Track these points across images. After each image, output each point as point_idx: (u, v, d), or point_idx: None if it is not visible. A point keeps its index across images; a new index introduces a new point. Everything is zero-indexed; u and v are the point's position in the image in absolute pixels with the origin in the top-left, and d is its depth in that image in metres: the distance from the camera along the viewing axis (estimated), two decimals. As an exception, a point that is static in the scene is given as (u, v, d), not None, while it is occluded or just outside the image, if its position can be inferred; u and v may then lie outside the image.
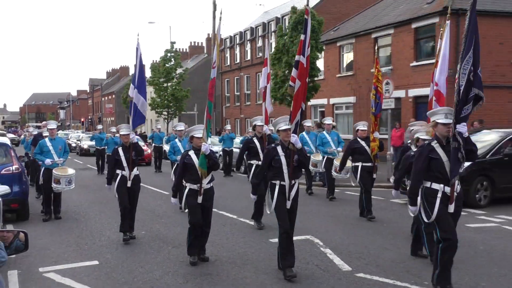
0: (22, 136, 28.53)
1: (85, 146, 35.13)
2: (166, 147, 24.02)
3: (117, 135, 20.30)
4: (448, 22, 8.32)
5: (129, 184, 9.41)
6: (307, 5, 7.48)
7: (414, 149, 8.29)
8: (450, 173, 6.00)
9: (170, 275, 7.32)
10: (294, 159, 7.08)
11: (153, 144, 24.57)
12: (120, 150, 9.52)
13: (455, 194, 6.15)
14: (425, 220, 6.35)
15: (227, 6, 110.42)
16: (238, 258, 7.76)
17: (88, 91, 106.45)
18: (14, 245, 3.56)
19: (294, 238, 9.35)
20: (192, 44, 67.14)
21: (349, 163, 12.00)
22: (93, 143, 24.83)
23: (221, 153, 21.50)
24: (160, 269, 7.64)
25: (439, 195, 6.08)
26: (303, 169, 8.09)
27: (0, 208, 7.79)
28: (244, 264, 7.74)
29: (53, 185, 11.16)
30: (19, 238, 3.60)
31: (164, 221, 11.30)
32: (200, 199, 7.74)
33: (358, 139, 11.47)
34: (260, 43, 41.42)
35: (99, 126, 26.10)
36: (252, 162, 10.86)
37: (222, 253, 8.41)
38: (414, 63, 24.16)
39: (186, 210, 7.96)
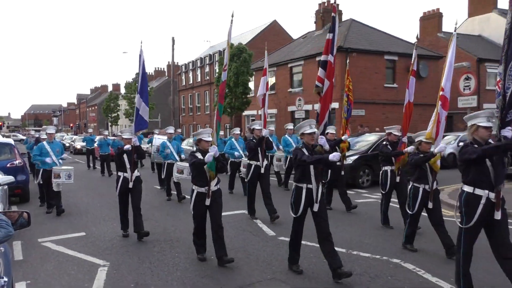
0: (26, 137, 26.55)
1: (78, 146, 32.18)
2: (145, 147, 23.12)
3: (109, 137, 18.98)
4: (455, 33, 5.98)
5: (130, 185, 7.34)
6: (335, 2, 5.54)
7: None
8: (495, 178, 4.33)
9: (141, 242, 7.10)
10: None
11: None
12: None
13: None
14: (460, 225, 4.55)
15: (183, 41, 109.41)
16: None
17: (75, 103, 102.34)
18: (19, 222, 3.38)
19: (233, 212, 9.32)
20: (156, 69, 65.96)
21: None
22: (85, 144, 22.39)
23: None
24: (134, 237, 7.37)
25: (483, 201, 4.35)
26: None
27: (6, 193, 7.33)
28: (197, 232, 7.63)
29: (53, 180, 9.36)
30: (23, 216, 3.42)
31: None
32: (208, 202, 5.93)
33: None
34: (207, 69, 41.75)
35: (90, 130, 23.31)
36: (251, 162, 8.97)
37: (180, 225, 8.24)
38: (318, 86, 24.68)
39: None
